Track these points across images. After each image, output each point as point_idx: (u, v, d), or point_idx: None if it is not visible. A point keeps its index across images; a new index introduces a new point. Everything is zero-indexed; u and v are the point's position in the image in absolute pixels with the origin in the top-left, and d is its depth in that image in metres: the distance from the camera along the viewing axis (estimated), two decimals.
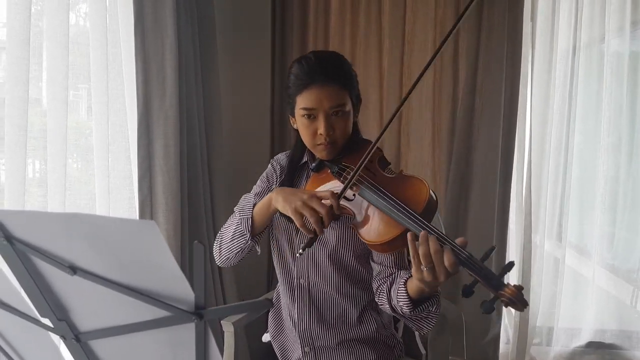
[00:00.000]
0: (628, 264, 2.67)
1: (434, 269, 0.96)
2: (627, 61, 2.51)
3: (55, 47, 1.63)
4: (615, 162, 2.59)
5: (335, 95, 1.18)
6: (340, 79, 1.20)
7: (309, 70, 1.18)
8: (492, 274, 0.94)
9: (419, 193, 1.07)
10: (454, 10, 2.44)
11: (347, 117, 1.23)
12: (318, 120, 1.20)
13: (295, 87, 1.21)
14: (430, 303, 1.08)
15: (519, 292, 0.91)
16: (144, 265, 0.64)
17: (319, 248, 1.29)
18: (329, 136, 1.20)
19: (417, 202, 1.05)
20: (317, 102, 1.18)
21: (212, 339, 0.67)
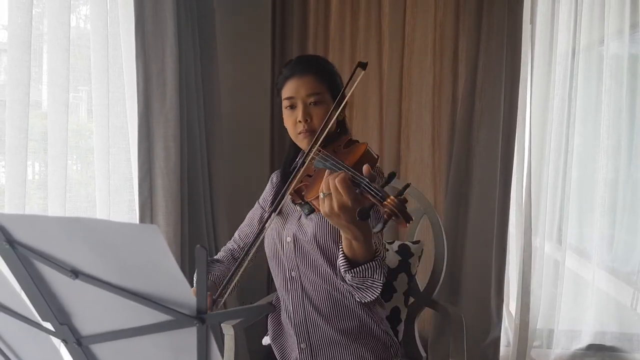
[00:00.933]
0: (628, 266, 2.68)
1: (330, 197, 0.99)
2: (626, 64, 2.52)
3: (55, 50, 1.63)
4: (615, 164, 2.60)
5: (311, 84, 1.30)
6: (317, 70, 1.32)
7: (290, 66, 1.34)
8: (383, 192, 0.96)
9: (357, 152, 1.16)
10: (454, 13, 2.45)
11: (325, 107, 1.31)
12: (297, 109, 1.31)
13: (280, 82, 1.35)
14: (368, 267, 1.07)
15: (399, 202, 0.92)
16: (145, 269, 0.64)
17: (301, 238, 1.34)
18: (306, 123, 1.29)
19: (352, 159, 1.13)
20: (295, 91, 1.30)
21: (213, 343, 0.67)
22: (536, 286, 2.54)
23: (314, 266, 1.34)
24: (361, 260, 1.08)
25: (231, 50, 2.52)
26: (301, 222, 1.35)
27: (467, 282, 2.49)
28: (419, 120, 2.50)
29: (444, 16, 2.45)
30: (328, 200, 1.00)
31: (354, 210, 0.97)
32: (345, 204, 0.98)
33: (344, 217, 0.99)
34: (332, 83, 1.34)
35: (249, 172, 2.51)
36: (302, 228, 1.34)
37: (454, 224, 2.49)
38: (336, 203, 0.98)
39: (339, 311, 1.36)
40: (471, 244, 2.47)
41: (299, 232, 1.34)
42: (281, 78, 1.34)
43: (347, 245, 1.08)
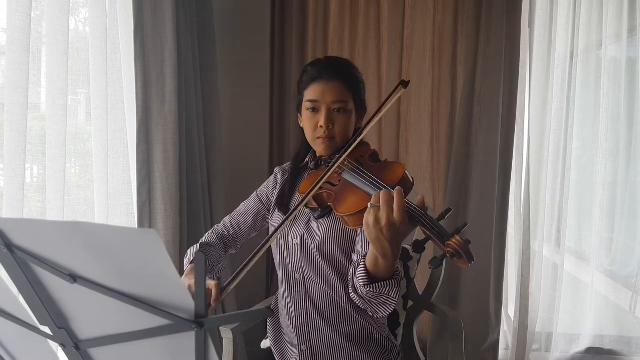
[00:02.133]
0: (626, 269, 2.68)
1: (378, 208, 0.97)
2: (624, 67, 2.53)
3: (54, 52, 1.63)
4: (613, 167, 2.60)
5: (338, 91, 1.28)
6: (345, 78, 1.29)
7: (319, 67, 1.30)
8: (443, 230, 0.96)
9: (395, 172, 1.15)
10: (452, 17, 2.45)
11: (348, 116, 1.30)
12: (320, 113, 1.28)
13: (305, 81, 1.32)
14: (387, 284, 1.06)
15: (464, 243, 0.93)
16: (144, 273, 0.63)
17: (309, 241, 1.33)
18: (328, 130, 1.27)
19: (392, 179, 1.13)
20: (321, 95, 1.28)
21: (212, 348, 0.66)
22: (535, 289, 2.54)
23: (318, 270, 1.33)
24: (381, 276, 1.06)
25: (230, 53, 2.52)
26: (310, 226, 1.34)
27: (465, 286, 2.49)
28: (417, 124, 2.51)
29: (443, 19, 2.46)
30: (375, 212, 0.97)
31: (398, 231, 0.97)
32: (393, 222, 0.96)
33: (386, 234, 0.97)
34: (358, 91, 1.33)
35: (247, 175, 2.51)
36: (310, 231, 1.33)
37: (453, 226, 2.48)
38: (385, 218, 0.96)
39: (340, 315, 1.36)
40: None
41: (306, 236, 1.33)
42: (307, 78, 1.31)
43: (372, 261, 1.05)
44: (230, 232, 1.49)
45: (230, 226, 1.50)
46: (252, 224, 1.49)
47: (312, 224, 1.34)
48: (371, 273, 1.07)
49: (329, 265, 1.32)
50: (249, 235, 1.51)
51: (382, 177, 1.14)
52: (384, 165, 1.22)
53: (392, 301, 1.10)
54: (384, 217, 0.96)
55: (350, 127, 1.32)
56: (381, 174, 1.16)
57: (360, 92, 1.34)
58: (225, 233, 1.49)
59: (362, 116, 1.39)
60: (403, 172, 1.14)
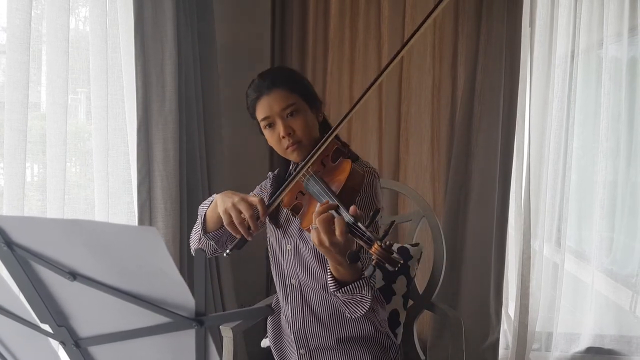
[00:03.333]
0: (627, 269, 2.67)
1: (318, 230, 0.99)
2: (625, 66, 2.52)
3: (55, 51, 1.63)
4: (614, 167, 2.60)
5: (282, 97, 1.27)
6: (282, 82, 1.28)
7: (255, 87, 1.30)
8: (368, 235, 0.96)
9: (341, 173, 1.15)
10: (453, 17, 2.45)
11: (303, 115, 1.28)
12: (277, 126, 1.28)
13: (251, 106, 1.32)
14: (355, 286, 1.08)
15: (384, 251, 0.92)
16: (144, 271, 0.63)
17: (302, 247, 1.33)
18: (290, 136, 1.26)
19: (338, 183, 1.13)
20: (269, 109, 1.27)
21: (212, 345, 0.66)
22: (535, 289, 2.54)
23: (314, 275, 1.33)
24: (349, 280, 1.09)
25: (230, 52, 2.52)
26: (302, 231, 1.34)
27: (466, 285, 2.49)
28: (418, 124, 2.50)
29: (443, 18, 2.46)
30: (317, 233, 1.00)
31: (345, 245, 0.99)
32: (337, 242, 0.98)
33: (333, 250, 1.00)
34: (302, 87, 1.31)
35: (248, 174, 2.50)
36: (303, 236, 1.33)
37: (453, 226, 2.49)
38: (327, 241, 0.99)
39: (338, 319, 1.36)
40: (470, 246, 2.47)
41: (299, 241, 1.33)
42: (250, 101, 1.31)
43: (334, 268, 1.09)
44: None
45: None
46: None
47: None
48: (338, 279, 1.10)
49: (324, 268, 1.31)
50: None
51: (330, 180, 1.15)
52: (336, 166, 1.21)
53: (366, 299, 1.12)
54: (326, 239, 0.99)
55: (311, 124, 1.30)
56: (330, 178, 1.17)
57: (305, 87, 1.33)
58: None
59: (320, 109, 1.37)
60: (349, 171, 1.14)
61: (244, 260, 2.39)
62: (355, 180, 1.14)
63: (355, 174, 1.15)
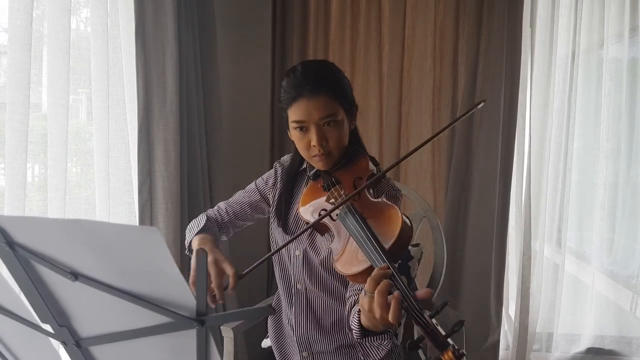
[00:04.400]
0: (627, 270, 2.67)
1: (373, 299, 0.87)
2: (626, 67, 2.52)
3: (56, 52, 1.63)
4: (615, 168, 2.60)
5: (324, 105, 1.16)
6: (329, 88, 1.17)
7: (296, 83, 1.17)
8: (438, 333, 0.86)
9: (393, 225, 1.01)
10: (454, 17, 2.45)
11: (340, 126, 1.20)
12: (310, 132, 1.18)
13: (285, 100, 1.20)
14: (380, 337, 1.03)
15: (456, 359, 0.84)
16: (145, 271, 0.63)
17: (312, 256, 1.30)
18: (322, 147, 1.18)
19: (388, 236, 1.00)
20: (307, 114, 1.17)
21: (213, 345, 0.66)
22: (536, 290, 2.54)
23: (321, 282, 1.31)
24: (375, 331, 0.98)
25: (231, 53, 2.52)
26: (314, 239, 1.30)
27: (466, 286, 2.49)
28: (418, 124, 2.50)
29: (444, 19, 2.46)
30: (369, 301, 0.88)
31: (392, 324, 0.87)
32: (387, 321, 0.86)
33: (380, 322, 0.88)
34: (344, 95, 1.21)
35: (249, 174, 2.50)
36: (314, 245, 1.30)
37: (454, 227, 2.49)
38: (378, 314, 0.86)
39: (342, 323, 1.34)
40: (471, 247, 2.47)
41: (310, 249, 1.30)
42: (286, 97, 1.19)
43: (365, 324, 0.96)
44: (225, 219, 1.42)
45: (225, 213, 1.43)
46: (250, 214, 1.44)
47: (317, 237, 1.29)
48: (364, 328, 0.99)
49: (335, 277, 1.29)
50: (244, 225, 1.46)
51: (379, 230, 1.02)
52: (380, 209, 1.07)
53: (383, 348, 1.10)
54: (378, 313, 0.86)
55: (345, 135, 1.22)
56: (378, 226, 1.03)
57: (347, 94, 1.23)
58: (218, 219, 1.42)
59: (354, 117, 1.29)
60: (401, 225, 0.99)
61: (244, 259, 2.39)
62: (406, 236, 1.00)
63: (405, 229, 1.01)
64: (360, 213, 1.06)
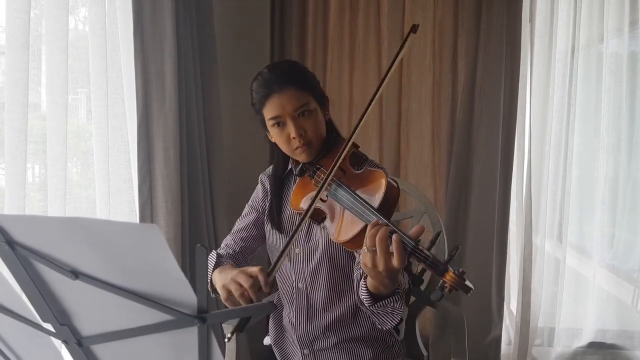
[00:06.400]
0: (628, 264, 2.67)
1: (375, 252, 0.94)
2: (626, 61, 2.52)
3: (54, 51, 1.63)
4: (615, 162, 2.59)
5: (295, 97, 1.22)
6: (296, 81, 1.23)
7: (264, 82, 1.24)
8: (437, 261, 0.95)
9: (378, 187, 1.10)
10: (453, 12, 2.44)
11: (314, 115, 1.25)
12: (287, 126, 1.23)
13: (258, 101, 1.26)
14: (390, 300, 1.06)
15: (459, 279, 0.94)
16: (146, 269, 0.63)
17: (312, 252, 1.31)
18: (301, 137, 1.22)
19: (377, 197, 1.08)
20: (280, 109, 1.22)
21: (214, 343, 0.66)
22: (537, 284, 2.54)
23: (323, 276, 1.32)
24: (384, 294, 1.05)
25: (230, 50, 2.51)
26: (311, 234, 1.32)
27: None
28: (418, 120, 2.50)
29: (443, 15, 2.45)
30: (371, 256, 0.94)
31: (396, 271, 0.94)
32: (392, 268, 0.93)
33: (385, 274, 0.95)
34: (313, 87, 1.27)
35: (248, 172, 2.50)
36: (312, 240, 1.32)
37: (455, 223, 2.48)
38: (382, 265, 0.93)
39: (342, 319, 1.35)
40: (471, 242, 2.47)
41: (309, 244, 1.32)
42: (258, 97, 1.25)
43: (373, 286, 1.04)
44: (237, 250, 1.43)
45: (234, 244, 1.44)
46: (258, 235, 1.44)
47: (314, 231, 1.32)
48: (374, 293, 1.06)
49: (336, 270, 1.30)
50: (258, 247, 1.46)
51: (367, 194, 1.09)
52: (365, 177, 1.16)
53: (398, 311, 1.10)
54: (382, 263, 0.93)
55: (321, 124, 1.27)
56: (365, 191, 1.11)
57: (315, 86, 1.29)
58: (230, 252, 1.43)
59: (326, 107, 1.33)
60: (386, 184, 1.08)
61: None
62: (393, 194, 1.09)
63: (391, 186, 1.10)
64: (348, 184, 1.13)
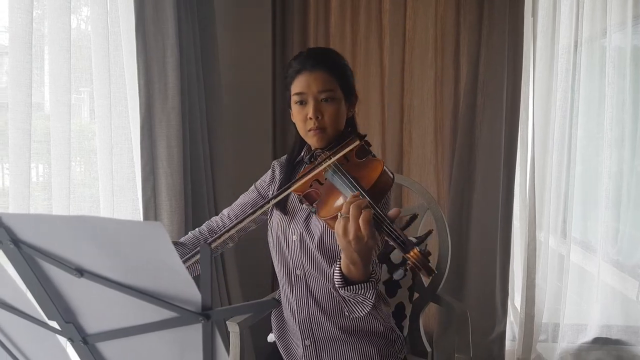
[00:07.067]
0: (633, 259, 2.67)
1: (348, 220, 0.98)
2: (629, 55, 2.51)
3: (57, 51, 1.63)
4: (619, 157, 2.59)
5: (322, 80, 1.26)
6: (329, 66, 1.28)
7: (301, 60, 1.29)
8: (407, 240, 0.96)
9: (373, 171, 1.13)
10: (455, 7, 2.44)
11: (337, 104, 1.28)
12: (308, 105, 1.27)
13: (290, 75, 1.30)
14: (361, 287, 1.07)
15: (422, 257, 0.93)
16: (150, 266, 0.64)
17: (307, 239, 1.33)
18: (317, 120, 1.26)
19: (368, 180, 1.11)
20: (306, 87, 1.26)
21: (219, 340, 0.67)
22: (541, 280, 2.54)
23: (319, 266, 1.33)
24: (356, 279, 1.07)
25: (232, 48, 2.52)
26: (309, 222, 1.34)
27: (471, 277, 2.49)
28: (421, 116, 2.50)
29: (445, 10, 2.45)
30: (344, 222, 0.98)
31: (366, 244, 0.98)
32: (361, 237, 0.97)
33: (354, 246, 0.98)
34: (344, 78, 1.30)
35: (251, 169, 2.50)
36: (309, 228, 1.33)
37: (458, 219, 2.48)
38: (352, 233, 0.97)
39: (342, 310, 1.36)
40: (475, 238, 2.47)
41: (305, 232, 1.33)
42: (291, 72, 1.30)
43: (344, 265, 1.07)
44: (227, 224, 1.45)
45: (227, 218, 1.47)
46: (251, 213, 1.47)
47: (312, 220, 1.33)
48: (346, 276, 1.08)
49: (329, 261, 1.31)
50: (248, 228, 1.48)
51: (360, 176, 1.13)
52: (364, 163, 1.19)
53: (368, 302, 1.11)
54: (352, 230, 0.97)
55: (340, 116, 1.30)
56: (359, 174, 1.15)
57: (347, 78, 1.32)
58: (220, 225, 1.47)
59: (353, 104, 1.36)
60: (381, 170, 1.12)
61: (248, 256, 2.40)
62: (386, 181, 1.13)
63: (386, 175, 1.14)
64: (347, 170, 1.16)
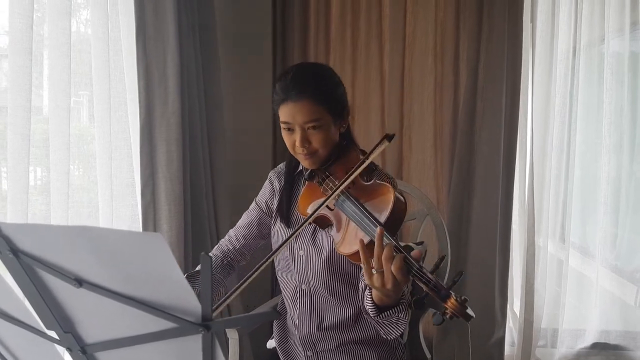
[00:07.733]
0: (632, 264, 2.67)
1: (383, 274, 0.98)
2: (627, 62, 2.52)
3: (56, 55, 1.63)
4: (617, 162, 2.59)
5: (308, 111, 1.21)
6: (314, 94, 1.21)
7: (285, 87, 1.23)
8: (439, 286, 0.97)
9: (385, 202, 1.10)
10: (454, 13, 2.44)
11: (325, 130, 1.23)
12: (295, 133, 1.23)
13: (276, 101, 1.26)
14: (395, 310, 1.08)
15: (460, 306, 0.96)
16: (150, 277, 0.63)
17: (315, 255, 1.31)
18: (305, 148, 1.23)
19: (382, 210, 1.09)
20: (291, 117, 1.22)
21: (219, 350, 0.66)
22: (540, 285, 2.54)
23: (326, 282, 1.32)
24: (389, 305, 1.08)
25: (232, 53, 2.52)
26: (316, 238, 1.33)
27: (470, 282, 2.48)
28: (420, 121, 2.50)
29: (445, 16, 2.45)
30: (380, 277, 0.99)
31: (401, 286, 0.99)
32: (397, 284, 0.98)
33: (393, 291, 0.99)
34: (332, 101, 1.24)
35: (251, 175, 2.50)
36: (317, 244, 1.32)
37: (457, 224, 2.48)
38: (390, 283, 0.98)
39: (346, 322, 1.35)
40: (474, 244, 2.47)
41: (313, 249, 1.32)
42: (277, 99, 1.25)
43: (377, 298, 1.08)
44: (237, 246, 1.47)
45: (235, 239, 1.48)
46: (258, 233, 1.47)
47: (319, 235, 1.32)
48: (378, 304, 1.09)
49: (338, 276, 1.31)
50: (257, 245, 1.49)
51: (372, 206, 1.10)
52: (373, 189, 1.16)
53: (402, 322, 1.11)
54: (389, 282, 0.98)
55: (330, 138, 1.25)
56: (371, 202, 1.12)
57: (336, 100, 1.26)
58: (230, 248, 1.47)
59: (345, 120, 1.31)
60: (392, 201, 1.09)
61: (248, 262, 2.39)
62: (400, 209, 1.10)
63: (399, 203, 1.10)
64: (356, 197, 1.14)
